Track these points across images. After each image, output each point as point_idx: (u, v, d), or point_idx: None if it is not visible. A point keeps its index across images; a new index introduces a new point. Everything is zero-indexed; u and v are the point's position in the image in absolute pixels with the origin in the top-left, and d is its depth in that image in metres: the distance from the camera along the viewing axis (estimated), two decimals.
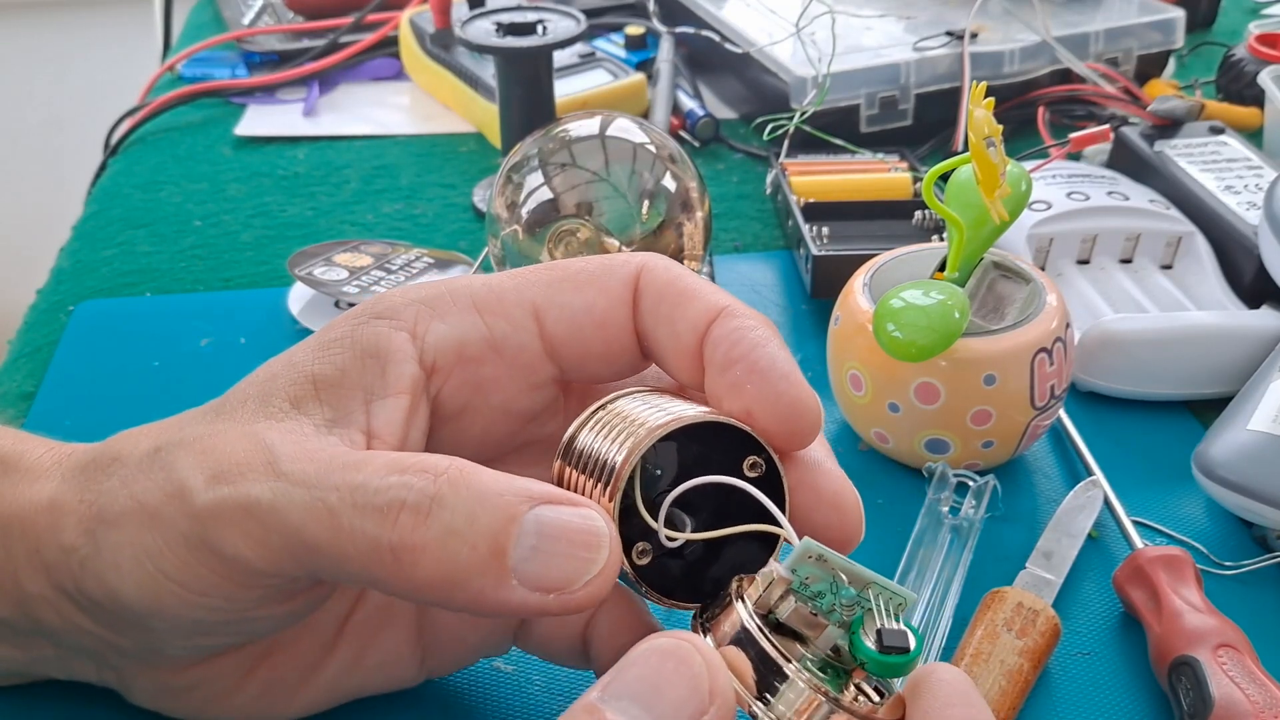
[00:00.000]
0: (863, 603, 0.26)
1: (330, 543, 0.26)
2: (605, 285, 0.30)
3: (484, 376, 0.30)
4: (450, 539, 0.25)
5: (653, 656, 0.24)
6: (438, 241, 0.63)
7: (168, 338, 0.54)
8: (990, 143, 0.40)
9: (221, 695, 0.32)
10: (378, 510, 0.25)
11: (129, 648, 0.31)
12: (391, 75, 0.84)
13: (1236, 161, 0.60)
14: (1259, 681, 0.34)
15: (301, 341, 0.30)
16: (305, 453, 0.27)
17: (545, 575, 0.25)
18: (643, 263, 0.30)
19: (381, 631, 0.33)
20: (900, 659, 0.25)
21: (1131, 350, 0.49)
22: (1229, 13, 0.92)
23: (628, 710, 0.23)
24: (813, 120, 0.65)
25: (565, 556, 0.25)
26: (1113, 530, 0.43)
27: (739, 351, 0.28)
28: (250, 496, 0.26)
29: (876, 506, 0.44)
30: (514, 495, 0.26)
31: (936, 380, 0.42)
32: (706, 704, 0.24)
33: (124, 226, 0.65)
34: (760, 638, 0.25)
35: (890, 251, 0.47)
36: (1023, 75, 0.71)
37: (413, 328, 0.29)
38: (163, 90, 0.81)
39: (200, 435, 0.29)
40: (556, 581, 0.25)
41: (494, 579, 0.25)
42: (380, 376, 0.29)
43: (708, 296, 0.29)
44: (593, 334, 0.30)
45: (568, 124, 0.50)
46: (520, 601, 0.25)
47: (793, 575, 0.26)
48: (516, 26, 0.61)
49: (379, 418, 0.29)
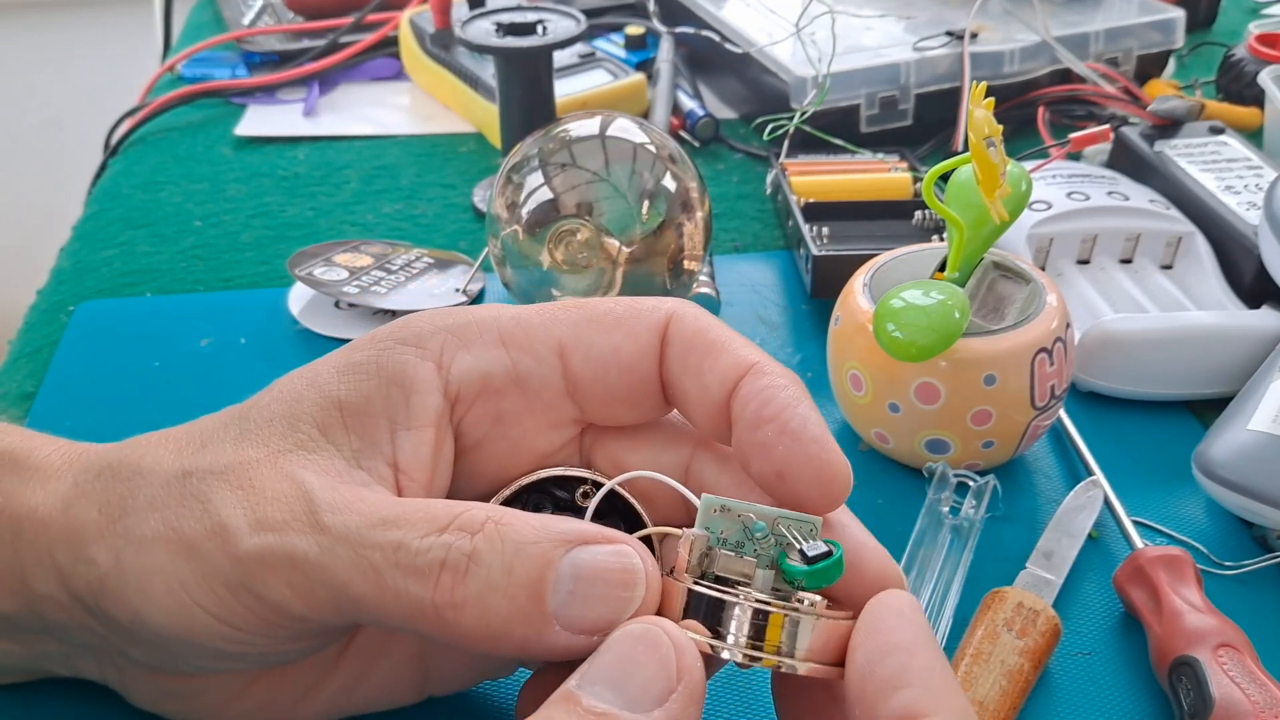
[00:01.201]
0: (778, 537, 0.28)
1: (375, 599, 0.26)
2: (633, 329, 0.30)
3: (505, 410, 0.30)
4: (489, 594, 0.26)
5: (625, 641, 0.25)
6: (438, 241, 0.63)
7: (168, 338, 0.54)
8: (990, 143, 0.40)
9: (221, 704, 0.32)
10: (419, 571, 0.26)
11: (139, 656, 0.31)
12: (391, 75, 0.84)
13: (1236, 161, 0.60)
14: (1259, 681, 0.34)
15: (325, 358, 0.30)
16: (344, 502, 0.27)
17: (586, 617, 0.26)
18: (673, 309, 0.30)
19: (385, 653, 0.33)
20: (827, 562, 0.27)
21: (1131, 350, 0.49)
22: (1229, 13, 0.92)
23: (600, 694, 0.24)
24: (813, 120, 0.65)
25: (603, 598, 0.26)
26: (1113, 530, 0.43)
27: (770, 411, 0.28)
28: (297, 549, 0.27)
29: (876, 506, 0.44)
30: (549, 542, 0.26)
31: (936, 380, 0.42)
32: (674, 683, 0.25)
33: (124, 227, 0.65)
34: (699, 588, 0.27)
35: (890, 251, 0.47)
36: (1023, 75, 0.71)
37: (438, 358, 0.30)
38: (163, 90, 0.81)
39: (232, 466, 0.29)
40: (597, 623, 0.26)
41: (536, 627, 0.26)
42: (405, 407, 0.29)
43: (738, 350, 0.29)
44: (617, 377, 0.30)
45: (568, 124, 0.50)
46: (565, 645, 0.26)
47: (707, 532, 0.27)
48: (516, 26, 0.61)
49: (405, 452, 0.29)
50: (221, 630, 0.28)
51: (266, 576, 0.27)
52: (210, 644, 0.28)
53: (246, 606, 0.27)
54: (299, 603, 0.27)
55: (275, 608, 0.27)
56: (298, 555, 0.27)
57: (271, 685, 0.32)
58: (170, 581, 0.28)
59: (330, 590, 0.27)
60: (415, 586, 0.26)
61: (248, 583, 0.27)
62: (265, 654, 0.30)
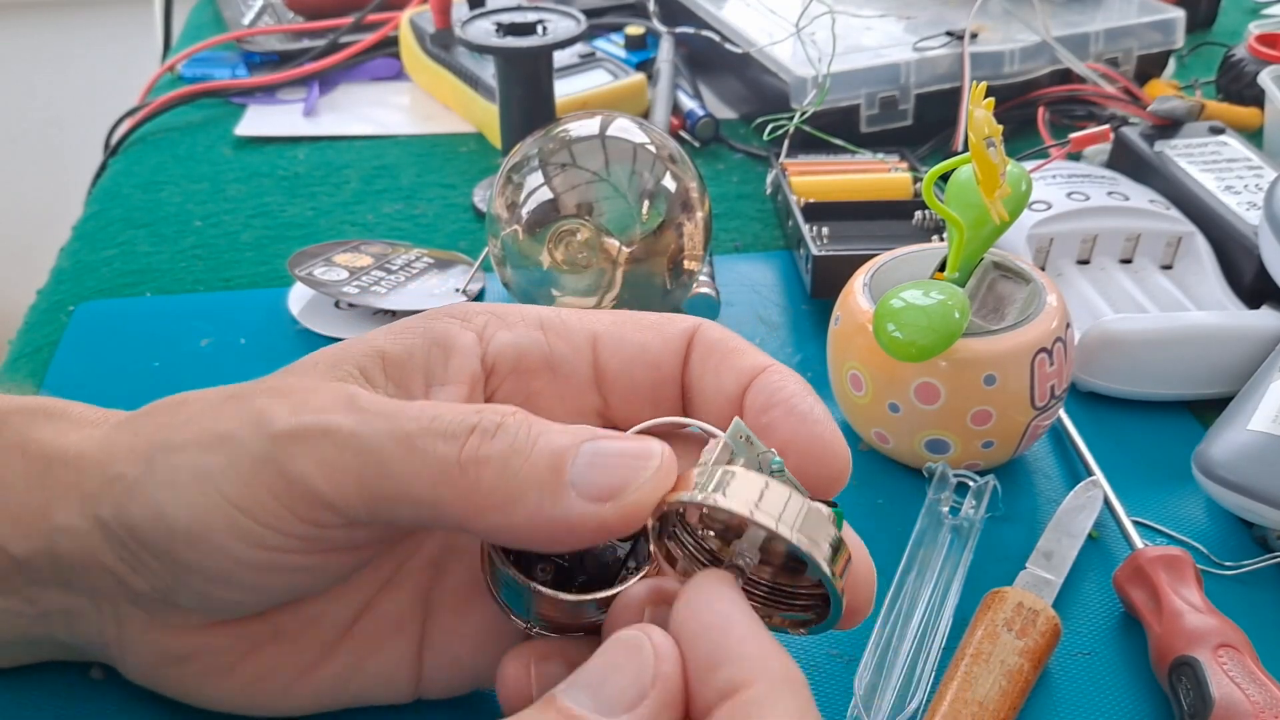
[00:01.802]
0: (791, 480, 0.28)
1: (403, 461, 0.27)
2: (663, 331, 0.32)
3: (534, 390, 0.32)
4: (513, 456, 0.27)
5: (611, 647, 0.26)
6: (438, 241, 0.63)
7: (168, 338, 0.54)
8: (990, 143, 0.40)
9: (215, 673, 0.32)
10: (450, 433, 0.28)
11: (144, 590, 0.31)
12: (391, 75, 0.84)
13: (1236, 161, 0.60)
14: (1259, 681, 0.34)
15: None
16: (383, 399, 0.29)
17: (600, 482, 0.27)
18: (700, 322, 0.32)
19: (384, 643, 0.33)
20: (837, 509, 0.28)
21: (1131, 350, 0.49)
22: (1229, 13, 0.92)
23: (577, 697, 0.25)
24: (813, 120, 0.65)
25: (619, 466, 0.27)
26: (1113, 530, 0.43)
27: (780, 398, 0.30)
28: (332, 423, 0.28)
29: (876, 506, 0.44)
30: (581, 430, 0.28)
31: (936, 380, 0.42)
32: (647, 689, 0.25)
33: (124, 227, 0.65)
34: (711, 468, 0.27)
35: (890, 251, 0.47)
36: (1023, 75, 0.71)
37: (481, 331, 0.32)
38: (163, 90, 0.81)
39: (279, 384, 0.31)
40: (611, 488, 0.27)
41: (551, 493, 0.27)
42: (443, 365, 0.31)
43: (755, 355, 0.31)
44: (643, 372, 0.32)
45: (568, 124, 0.50)
46: (579, 514, 0.27)
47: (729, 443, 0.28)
48: (516, 26, 0.61)
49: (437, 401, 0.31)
50: (238, 522, 0.28)
51: (297, 451, 0.28)
52: (225, 542, 0.29)
53: (271, 490, 0.28)
54: (323, 478, 0.28)
55: (299, 487, 0.28)
56: (332, 426, 0.28)
57: (267, 658, 0.32)
58: (198, 472, 0.29)
59: (358, 458, 0.28)
60: (444, 446, 0.27)
61: (277, 458, 0.28)
62: (273, 569, 0.30)
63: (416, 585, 0.34)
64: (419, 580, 0.34)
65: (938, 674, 0.37)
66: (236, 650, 0.32)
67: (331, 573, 0.31)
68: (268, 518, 0.29)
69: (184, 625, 0.32)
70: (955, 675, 0.35)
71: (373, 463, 0.28)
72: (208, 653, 0.32)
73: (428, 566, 0.34)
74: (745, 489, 0.27)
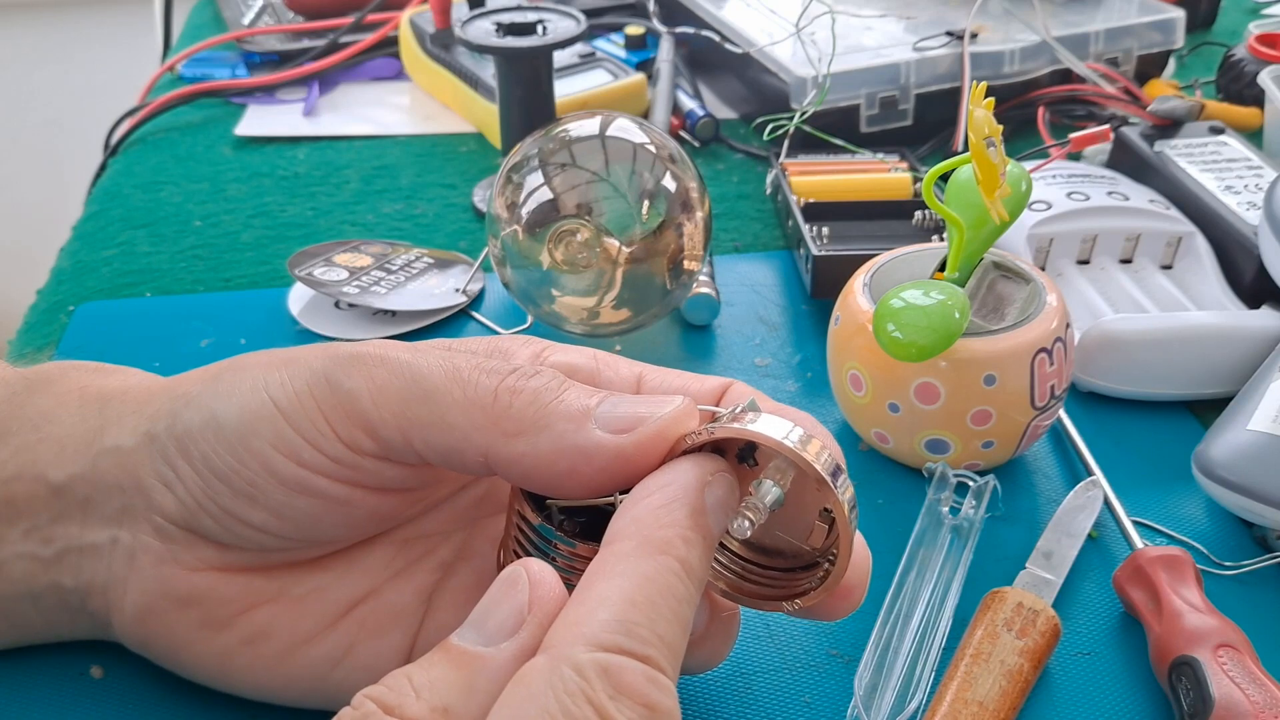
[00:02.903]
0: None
1: (446, 389, 0.30)
2: (703, 381, 0.34)
3: None
4: (544, 391, 0.30)
5: (494, 585, 0.28)
6: (438, 241, 0.63)
7: (168, 338, 0.55)
8: (990, 143, 0.40)
9: (212, 624, 0.33)
10: (493, 372, 0.30)
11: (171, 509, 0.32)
12: (391, 75, 0.84)
13: (1236, 161, 0.60)
14: (1259, 681, 0.34)
15: None
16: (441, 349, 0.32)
17: (620, 416, 0.29)
18: (734, 381, 0.34)
19: (381, 630, 0.33)
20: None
21: (1131, 350, 0.49)
22: (1229, 13, 0.92)
23: (465, 635, 0.27)
24: (813, 120, 0.65)
25: (639, 403, 0.30)
26: (1113, 530, 0.43)
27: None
28: (392, 352, 0.31)
29: (876, 506, 0.45)
30: (604, 392, 0.30)
31: (936, 380, 0.42)
32: (524, 614, 0.27)
33: (124, 227, 0.65)
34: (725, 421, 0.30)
35: (890, 251, 0.47)
36: (1023, 75, 0.71)
37: (539, 351, 0.34)
38: (163, 90, 0.81)
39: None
40: (629, 420, 0.29)
41: (576, 424, 0.29)
42: None
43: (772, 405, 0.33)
44: None
45: (568, 124, 0.50)
46: (598, 442, 0.29)
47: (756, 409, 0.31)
48: (516, 26, 0.61)
49: None
50: (284, 432, 0.31)
51: (352, 368, 0.31)
52: (265, 452, 0.31)
53: (318, 400, 0.31)
54: (370, 397, 0.30)
55: (346, 400, 0.30)
56: (391, 355, 0.31)
57: (268, 617, 0.33)
58: (255, 382, 0.32)
59: (406, 382, 0.30)
60: (486, 379, 0.30)
61: (331, 373, 0.31)
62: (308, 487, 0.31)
63: (423, 582, 0.34)
64: (426, 577, 0.35)
65: (938, 674, 0.37)
66: (241, 601, 0.33)
67: (353, 519, 0.32)
68: (310, 429, 0.31)
69: (196, 563, 0.33)
70: (955, 675, 0.35)
71: (419, 388, 0.30)
72: (211, 599, 0.33)
73: (438, 567, 0.35)
74: (773, 426, 0.28)
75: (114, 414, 0.34)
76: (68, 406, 0.35)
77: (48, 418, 0.34)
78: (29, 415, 0.34)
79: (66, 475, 0.33)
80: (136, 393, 0.35)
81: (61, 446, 0.34)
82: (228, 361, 0.34)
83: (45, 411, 0.35)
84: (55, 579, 0.34)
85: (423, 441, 0.30)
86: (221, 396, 0.32)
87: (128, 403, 0.34)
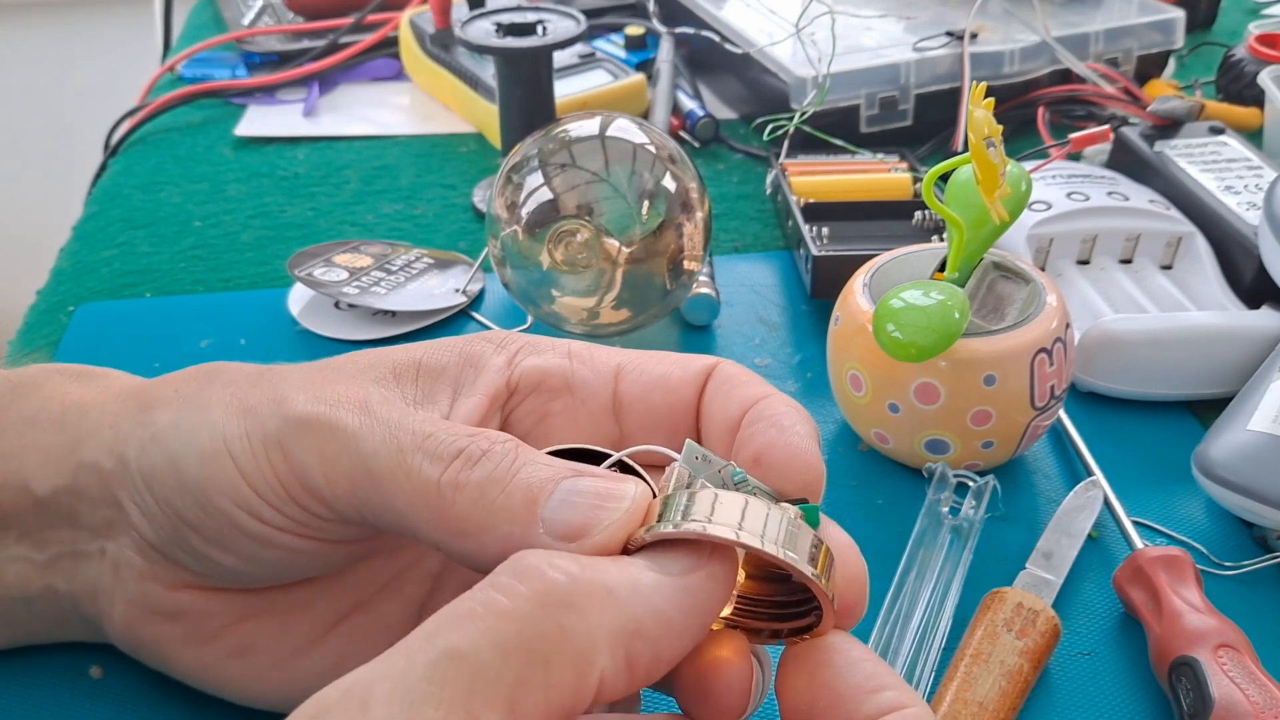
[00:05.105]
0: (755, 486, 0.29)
1: (389, 472, 0.29)
2: (685, 364, 0.33)
3: (552, 411, 0.33)
4: (490, 485, 0.28)
5: None
6: (438, 242, 0.63)
7: (168, 339, 0.55)
8: (990, 143, 0.40)
9: (199, 638, 0.33)
10: (437, 455, 0.28)
11: (150, 537, 0.32)
12: (391, 75, 0.84)
13: (1236, 161, 0.60)
14: (1259, 682, 0.34)
15: None
16: (397, 406, 0.31)
17: (568, 522, 0.27)
18: (721, 360, 0.33)
19: (371, 644, 0.33)
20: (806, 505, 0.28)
21: (1131, 350, 0.49)
22: (1229, 13, 0.92)
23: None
24: (813, 120, 0.65)
25: (589, 506, 0.27)
26: (1113, 530, 0.43)
27: (767, 414, 0.30)
28: (340, 420, 0.30)
29: (876, 507, 0.45)
30: (559, 467, 0.28)
31: (936, 380, 0.42)
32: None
33: (124, 227, 0.65)
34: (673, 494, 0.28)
35: (890, 251, 0.47)
36: (1023, 75, 0.71)
37: (511, 356, 0.33)
38: (163, 90, 0.81)
39: (309, 374, 0.32)
40: (577, 528, 0.27)
41: (523, 525, 0.27)
42: (472, 381, 0.33)
43: (762, 386, 0.32)
44: (660, 399, 0.33)
45: (568, 124, 0.50)
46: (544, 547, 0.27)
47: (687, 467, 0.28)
48: (516, 27, 0.61)
49: (458, 412, 0.32)
50: (243, 492, 0.30)
51: (303, 438, 0.30)
52: (227, 509, 0.30)
53: (272, 465, 0.30)
54: (320, 468, 0.29)
55: (298, 470, 0.30)
56: (339, 424, 0.30)
57: (255, 631, 0.33)
58: (215, 432, 0.31)
59: (353, 461, 0.29)
60: (429, 466, 0.28)
61: (284, 439, 0.30)
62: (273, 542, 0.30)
63: (413, 594, 0.34)
64: (417, 589, 0.34)
65: (937, 674, 0.37)
66: (226, 616, 0.33)
67: (325, 561, 0.32)
68: (268, 492, 0.30)
69: (176, 582, 0.32)
70: (955, 675, 0.35)
71: (364, 469, 0.29)
72: (197, 613, 0.33)
73: (427, 578, 0.34)
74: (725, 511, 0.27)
75: (91, 426, 0.33)
76: (49, 412, 0.34)
77: (30, 424, 0.34)
78: (12, 421, 0.34)
79: (50, 488, 0.33)
80: (113, 404, 0.34)
81: (45, 455, 0.33)
82: (198, 379, 0.33)
83: (28, 417, 0.34)
84: (49, 582, 0.34)
85: (375, 519, 0.29)
86: (183, 437, 0.31)
87: (104, 415, 0.34)
